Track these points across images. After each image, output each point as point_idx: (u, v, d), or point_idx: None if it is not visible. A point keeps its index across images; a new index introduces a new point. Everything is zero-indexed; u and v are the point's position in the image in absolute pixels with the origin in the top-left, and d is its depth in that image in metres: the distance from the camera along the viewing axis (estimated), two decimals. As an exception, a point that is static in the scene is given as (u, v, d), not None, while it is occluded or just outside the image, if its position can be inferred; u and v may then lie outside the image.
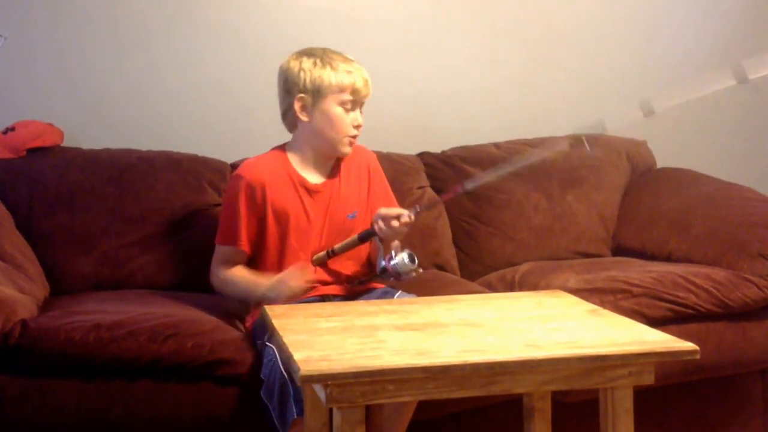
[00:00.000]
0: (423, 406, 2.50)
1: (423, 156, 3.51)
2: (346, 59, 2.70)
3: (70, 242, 3.03)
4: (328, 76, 2.65)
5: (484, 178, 2.86)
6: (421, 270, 2.59)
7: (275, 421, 2.35)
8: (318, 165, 2.73)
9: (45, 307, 2.73)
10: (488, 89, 3.78)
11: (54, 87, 3.39)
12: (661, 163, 3.73)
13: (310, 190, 2.69)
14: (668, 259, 3.22)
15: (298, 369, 1.76)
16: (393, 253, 2.56)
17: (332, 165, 2.74)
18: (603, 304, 2.59)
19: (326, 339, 1.97)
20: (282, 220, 2.66)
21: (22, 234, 2.97)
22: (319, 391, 1.83)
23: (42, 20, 3.35)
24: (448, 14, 3.74)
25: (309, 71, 2.66)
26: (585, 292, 2.69)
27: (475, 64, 3.79)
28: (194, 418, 2.45)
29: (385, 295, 2.64)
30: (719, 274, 2.92)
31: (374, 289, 2.70)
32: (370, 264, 2.75)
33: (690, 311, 2.82)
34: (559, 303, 2.35)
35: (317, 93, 2.65)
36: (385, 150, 3.43)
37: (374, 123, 3.63)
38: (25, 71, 3.36)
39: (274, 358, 2.34)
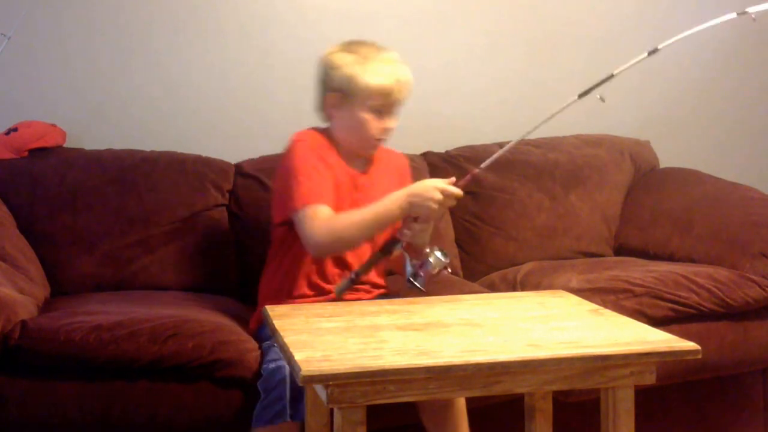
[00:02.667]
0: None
1: (427, 156, 3.51)
2: (385, 60, 2.61)
3: (71, 242, 3.03)
4: (361, 78, 2.56)
5: (496, 153, 2.60)
6: (450, 263, 2.46)
7: (261, 411, 2.35)
8: (351, 158, 2.66)
9: (45, 307, 2.73)
10: (493, 89, 3.78)
11: (57, 88, 3.39)
12: (664, 163, 3.73)
13: (353, 178, 2.64)
14: (670, 258, 3.22)
15: (300, 369, 1.76)
16: (426, 256, 2.42)
17: (366, 161, 2.69)
18: (605, 303, 2.59)
19: (327, 339, 1.97)
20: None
21: (23, 234, 2.98)
22: (320, 391, 1.83)
23: (45, 20, 3.35)
24: (452, 13, 3.74)
25: (345, 69, 2.59)
26: (587, 292, 2.69)
27: (480, 63, 3.78)
28: (194, 419, 2.45)
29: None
30: (721, 273, 2.92)
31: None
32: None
33: (692, 311, 2.82)
34: (561, 303, 2.35)
35: (347, 94, 2.59)
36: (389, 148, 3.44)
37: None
38: (28, 72, 3.36)
39: (280, 359, 2.35)
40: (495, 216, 3.40)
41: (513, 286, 3.06)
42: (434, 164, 3.47)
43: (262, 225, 3.19)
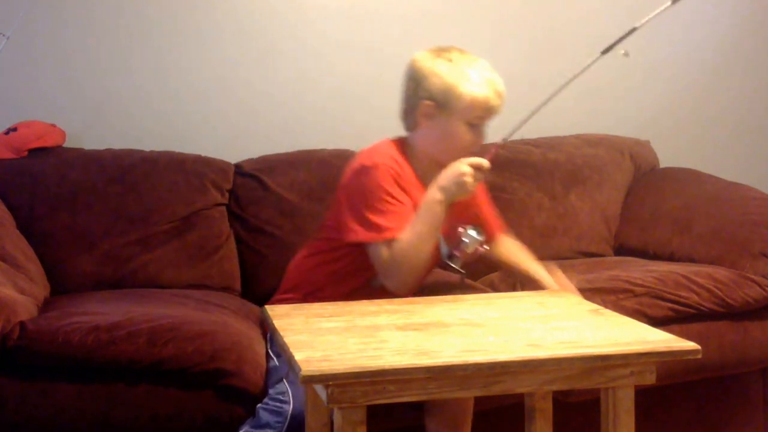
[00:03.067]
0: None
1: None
2: (484, 69, 2.50)
3: (71, 242, 3.03)
4: (462, 89, 2.44)
5: (520, 122, 2.56)
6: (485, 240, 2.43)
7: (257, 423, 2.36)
8: (434, 172, 2.45)
9: (45, 307, 2.73)
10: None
11: (57, 87, 3.40)
12: (664, 163, 3.73)
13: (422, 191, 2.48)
14: (670, 258, 3.22)
15: (300, 369, 1.76)
16: (460, 235, 2.40)
17: (435, 174, 2.52)
18: (605, 303, 2.59)
19: (328, 339, 1.97)
20: None
21: (23, 234, 2.98)
22: (320, 391, 1.83)
23: (45, 20, 3.35)
24: (452, 12, 3.74)
25: (442, 78, 2.45)
26: (587, 292, 2.69)
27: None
28: (195, 422, 2.44)
29: None
30: (721, 273, 2.92)
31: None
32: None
33: (692, 311, 2.82)
34: (561, 303, 2.34)
35: (446, 104, 2.45)
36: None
37: (378, 121, 3.65)
38: (27, 71, 3.36)
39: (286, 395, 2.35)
40: (495, 216, 3.39)
41: (513, 286, 3.05)
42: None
43: (262, 224, 3.20)
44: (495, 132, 3.61)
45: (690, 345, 1.93)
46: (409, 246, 2.36)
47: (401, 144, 2.54)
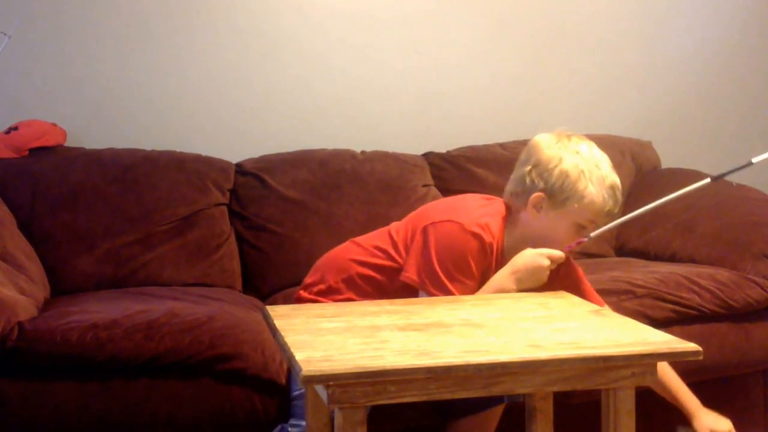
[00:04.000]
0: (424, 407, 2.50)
1: (428, 156, 3.51)
2: (610, 172, 2.35)
3: (72, 241, 3.03)
4: (586, 192, 2.31)
5: (611, 223, 2.41)
6: None
7: None
8: (517, 251, 2.36)
9: (45, 307, 2.73)
10: (494, 89, 3.78)
11: (58, 87, 3.40)
12: (665, 164, 3.73)
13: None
14: (672, 259, 3.21)
15: (300, 369, 1.75)
16: None
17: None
18: (606, 304, 2.58)
19: (328, 339, 1.96)
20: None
21: (23, 233, 2.98)
22: (321, 391, 1.82)
23: (46, 19, 3.35)
24: (454, 13, 3.74)
25: (566, 174, 2.32)
26: (588, 292, 2.68)
27: (481, 64, 3.78)
28: (195, 415, 2.44)
29: None
30: (723, 274, 2.91)
31: None
32: None
33: (693, 312, 2.82)
34: (563, 303, 2.34)
35: (563, 202, 2.33)
36: (390, 149, 3.44)
37: (380, 122, 3.65)
38: (28, 71, 3.36)
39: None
40: (496, 216, 3.39)
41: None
42: (436, 164, 3.47)
43: (263, 224, 3.20)
44: (497, 132, 3.63)
45: (691, 346, 1.92)
46: None
47: (502, 217, 2.40)
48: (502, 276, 2.32)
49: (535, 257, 2.30)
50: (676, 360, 1.95)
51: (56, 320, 2.49)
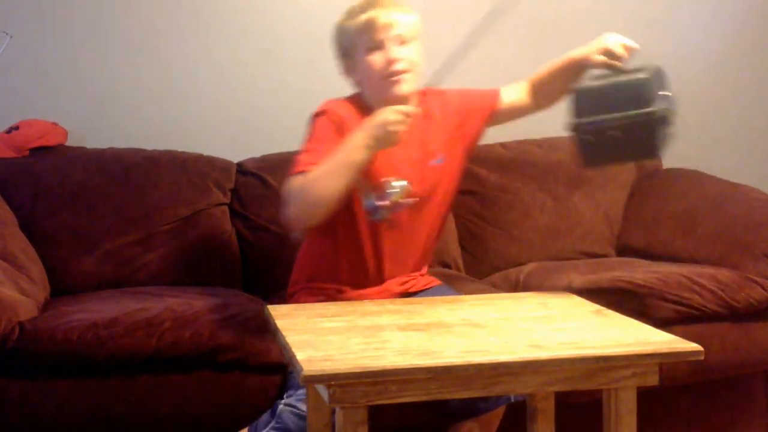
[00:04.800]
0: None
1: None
2: (370, 1, 2.49)
3: (72, 241, 3.03)
4: (346, 26, 2.49)
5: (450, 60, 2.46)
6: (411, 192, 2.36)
7: None
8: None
9: (45, 307, 2.73)
10: (492, 85, 3.77)
11: (59, 86, 3.40)
12: (667, 164, 3.72)
13: None
14: (673, 259, 3.21)
15: (301, 369, 1.75)
16: (384, 186, 2.34)
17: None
18: (608, 304, 2.58)
19: (329, 339, 1.97)
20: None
21: (24, 233, 2.98)
22: (322, 391, 1.83)
23: (47, 19, 3.35)
24: (453, 12, 3.73)
25: (340, 32, 2.52)
26: (590, 293, 2.68)
27: (481, 63, 3.76)
28: (198, 409, 2.45)
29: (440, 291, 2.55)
30: (724, 274, 2.91)
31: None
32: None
33: (695, 312, 2.81)
34: (564, 303, 2.34)
35: (347, 52, 2.50)
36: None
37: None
38: (29, 70, 3.36)
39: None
40: (497, 216, 3.39)
41: (515, 286, 3.05)
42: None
43: (265, 223, 3.20)
44: (501, 132, 3.62)
45: (692, 346, 1.92)
46: (312, 179, 2.29)
47: (356, 99, 2.53)
48: (357, 133, 2.34)
49: (384, 111, 2.33)
50: (678, 360, 1.94)
51: (57, 320, 2.49)
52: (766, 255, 2.97)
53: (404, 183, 2.35)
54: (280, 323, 2.11)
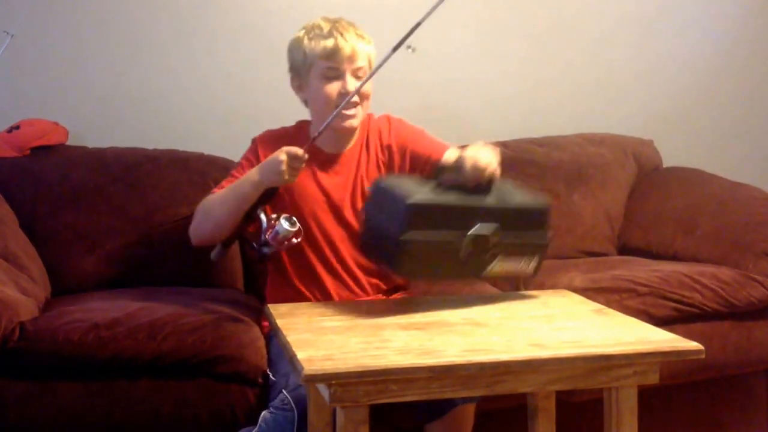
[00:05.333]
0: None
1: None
2: (335, 26, 2.52)
3: (73, 241, 3.03)
4: (307, 47, 2.50)
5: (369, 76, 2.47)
6: (300, 232, 2.38)
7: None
8: (336, 137, 2.54)
9: (46, 307, 2.73)
10: (492, 85, 3.77)
11: (59, 86, 3.39)
12: (667, 163, 3.73)
13: (324, 161, 2.54)
14: (674, 258, 3.21)
15: (302, 368, 1.75)
16: (273, 224, 2.37)
17: (352, 137, 2.58)
18: (609, 303, 2.58)
19: (330, 338, 1.97)
20: (292, 191, 2.51)
21: (25, 233, 2.97)
22: (323, 390, 1.83)
23: (48, 19, 3.35)
24: (453, 11, 3.72)
25: (296, 47, 2.54)
26: (591, 292, 2.68)
27: (481, 62, 3.78)
28: (197, 415, 2.44)
29: None
30: (725, 273, 2.91)
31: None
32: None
33: (696, 311, 2.82)
34: (565, 302, 2.34)
35: (302, 68, 2.52)
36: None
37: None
38: (30, 70, 3.36)
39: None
40: (498, 215, 3.39)
41: (516, 285, 3.05)
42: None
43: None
44: (494, 129, 3.62)
45: (693, 345, 1.92)
46: (210, 201, 2.52)
47: (302, 127, 2.62)
48: (254, 168, 2.44)
49: (277, 152, 2.37)
50: (679, 359, 1.94)
51: (58, 320, 2.49)
52: (766, 254, 2.98)
53: (291, 226, 2.36)
54: (280, 322, 2.11)
